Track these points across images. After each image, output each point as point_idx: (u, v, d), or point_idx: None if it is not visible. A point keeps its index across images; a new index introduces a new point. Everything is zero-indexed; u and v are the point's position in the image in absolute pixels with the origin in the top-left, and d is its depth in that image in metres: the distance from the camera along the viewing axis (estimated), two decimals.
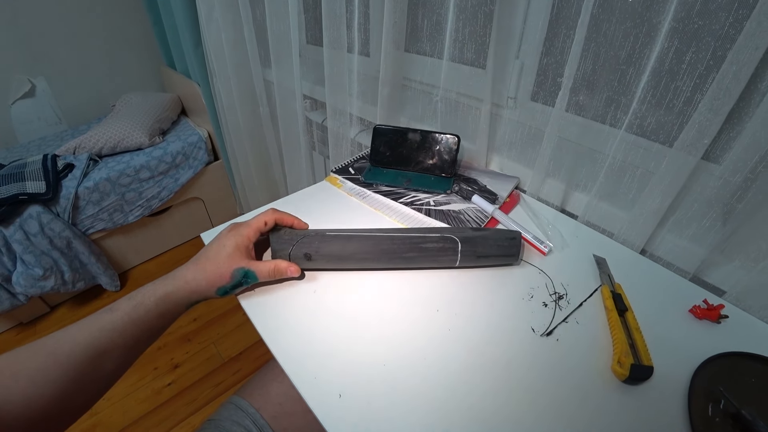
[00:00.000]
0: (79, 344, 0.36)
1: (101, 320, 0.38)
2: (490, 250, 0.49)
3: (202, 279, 0.43)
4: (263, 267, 0.45)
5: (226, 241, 0.45)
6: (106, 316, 0.38)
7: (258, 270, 0.45)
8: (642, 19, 0.46)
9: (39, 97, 1.74)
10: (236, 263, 0.44)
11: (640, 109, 0.49)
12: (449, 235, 0.48)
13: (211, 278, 0.43)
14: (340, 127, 0.97)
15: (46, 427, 0.35)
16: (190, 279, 0.42)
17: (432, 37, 0.72)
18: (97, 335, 0.37)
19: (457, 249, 0.48)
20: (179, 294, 0.42)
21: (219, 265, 0.43)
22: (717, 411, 0.35)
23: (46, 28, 1.65)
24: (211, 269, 0.43)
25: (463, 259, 0.48)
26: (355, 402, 0.37)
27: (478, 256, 0.49)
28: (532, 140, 0.65)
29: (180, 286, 0.42)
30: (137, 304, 0.39)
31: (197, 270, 0.43)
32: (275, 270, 0.46)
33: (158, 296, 0.40)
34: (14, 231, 1.26)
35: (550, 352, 0.41)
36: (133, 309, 0.39)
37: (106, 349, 0.37)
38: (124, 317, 0.38)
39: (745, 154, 0.43)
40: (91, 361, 0.36)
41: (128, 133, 1.55)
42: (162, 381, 1.32)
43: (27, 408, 0.33)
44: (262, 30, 1.08)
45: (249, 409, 0.55)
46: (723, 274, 0.49)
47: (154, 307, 0.40)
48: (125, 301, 0.40)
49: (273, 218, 0.49)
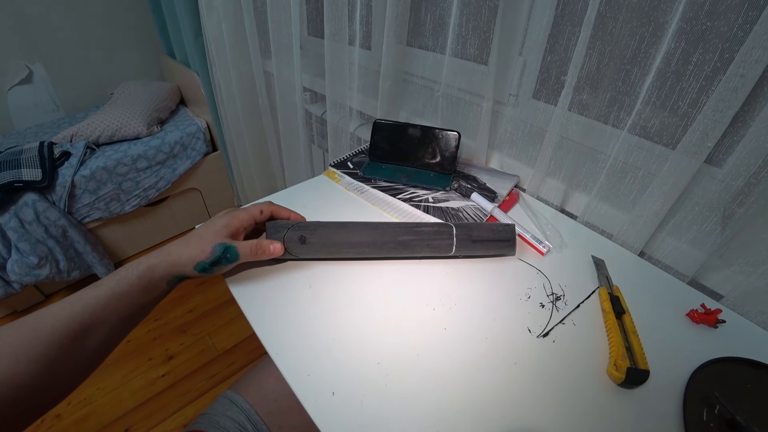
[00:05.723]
0: (62, 320, 0.35)
1: (84, 296, 0.37)
2: (485, 234, 0.49)
3: (184, 251, 0.42)
4: (245, 244, 0.45)
5: (217, 220, 0.45)
6: (89, 291, 0.38)
7: (240, 246, 0.44)
8: (649, 19, 0.46)
9: (36, 83, 1.72)
10: (219, 239, 0.43)
11: (643, 110, 0.49)
12: (445, 223, 0.49)
13: (192, 252, 0.42)
14: (340, 120, 0.96)
15: (32, 405, 0.35)
16: (173, 251, 0.42)
17: (435, 32, 0.71)
18: (80, 311, 0.36)
19: (453, 233, 0.48)
20: (160, 266, 0.41)
21: (203, 241, 0.43)
22: (712, 416, 0.35)
23: (44, 13, 1.63)
24: (194, 243, 0.43)
25: (459, 245, 0.48)
26: (348, 400, 0.36)
27: (474, 240, 0.49)
28: (533, 139, 0.65)
29: (162, 258, 0.41)
30: (120, 279, 0.39)
31: (181, 243, 0.43)
32: (257, 246, 0.45)
33: (141, 270, 0.40)
34: (9, 218, 1.25)
35: (547, 354, 0.41)
36: (117, 284, 0.39)
37: (90, 324, 0.37)
38: (107, 292, 0.38)
39: (747, 158, 0.42)
40: (74, 336, 0.36)
41: (126, 121, 1.54)
42: (156, 372, 1.32)
43: (10, 385, 0.32)
44: (262, 20, 1.07)
45: (243, 405, 0.55)
46: (721, 278, 0.49)
47: (136, 280, 0.40)
48: (109, 277, 0.39)
49: (270, 209, 0.49)
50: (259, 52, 1.15)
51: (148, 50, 1.93)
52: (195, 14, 1.28)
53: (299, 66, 1.00)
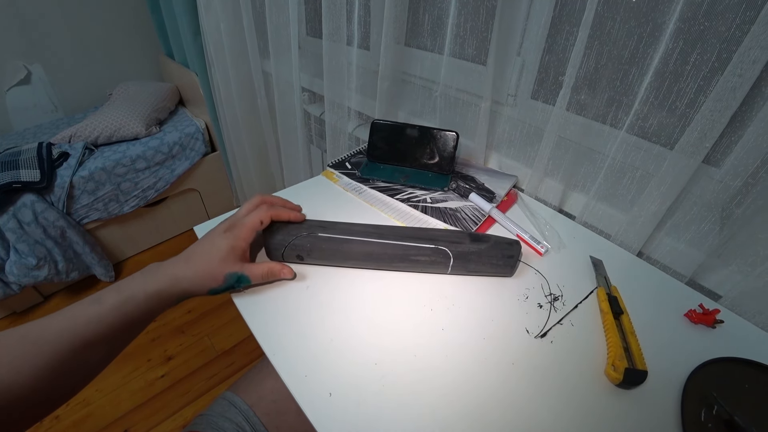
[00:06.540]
0: (64, 336, 0.35)
1: (87, 312, 0.37)
2: (482, 269, 0.48)
3: (194, 278, 0.42)
4: (257, 271, 0.45)
5: (220, 243, 0.44)
6: (92, 308, 0.37)
7: (252, 274, 0.45)
8: (647, 19, 0.46)
9: (35, 84, 1.72)
10: (230, 267, 0.43)
11: (641, 110, 0.49)
12: (443, 249, 0.47)
13: (203, 279, 0.42)
14: (338, 120, 0.96)
15: (24, 415, 0.34)
16: (181, 277, 0.42)
17: (433, 32, 0.71)
18: (82, 328, 0.36)
19: (449, 264, 0.47)
20: (170, 291, 0.41)
21: (212, 268, 0.43)
22: (710, 416, 0.35)
23: (43, 13, 1.63)
24: (203, 269, 0.42)
25: (453, 272, 0.48)
26: (345, 401, 0.36)
27: (470, 271, 0.48)
28: (532, 139, 0.65)
29: (171, 284, 0.41)
30: (126, 299, 0.39)
31: (188, 269, 0.42)
32: (269, 273, 0.46)
33: (149, 293, 0.40)
34: (7, 219, 1.25)
35: (544, 354, 0.41)
36: (122, 303, 0.38)
37: (91, 341, 0.37)
38: (112, 311, 0.38)
39: (746, 159, 0.42)
40: (75, 353, 0.36)
41: (125, 122, 1.54)
42: (155, 373, 1.32)
43: (6, 393, 0.32)
44: (261, 20, 1.06)
45: (242, 406, 0.55)
46: (719, 278, 0.49)
47: (143, 303, 0.39)
48: (113, 294, 0.39)
49: (268, 216, 0.47)
50: (257, 52, 1.15)
51: (146, 51, 1.93)
52: (193, 14, 1.27)
53: (298, 66, 1.00)
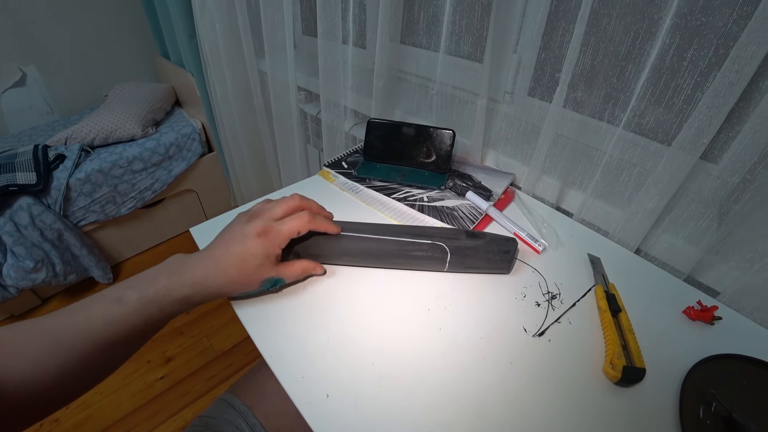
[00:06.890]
0: (84, 335, 0.35)
1: (109, 313, 0.36)
2: (479, 264, 0.48)
3: (226, 286, 0.41)
4: (291, 272, 0.45)
5: (255, 250, 0.41)
6: (114, 308, 0.36)
7: (286, 276, 0.45)
8: (643, 15, 0.45)
9: (30, 86, 1.71)
10: (266, 272, 0.42)
11: (638, 107, 0.48)
12: (440, 244, 0.46)
13: (237, 285, 0.42)
14: (335, 119, 0.95)
15: (32, 413, 0.34)
16: (211, 284, 0.40)
17: (428, 29, 0.71)
18: (102, 328, 0.36)
19: (446, 260, 0.47)
20: (197, 297, 0.40)
21: (247, 274, 0.41)
22: (708, 413, 0.35)
23: (37, 15, 1.62)
24: (236, 275, 0.41)
25: (450, 268, 0.48)
26: (343, 402, 0.36)
27: (467, 267, 0.48)
28: (529, 136, 0.64)
29: (199, 290, 0.40)
30: (149, 302, 0.37)
31: (219, 276, 0.40)
32: (302, 272, 0.46)
33: (174, 298, 0.38)
34: (4, 222, 1.25)
35: (542, 353, 0.40)
36: (145, 306, 0.37)
37: (111, 342, 0.36)
38: (135, 314, 0.37)
39: (743, 155, 0.42)
40: (94, 353, 0.35)
41: (121, 123, 1.53)
42: (154, 374, 1.32)
43: (20, 390, 0.32)
44: (256, 20, 1.06)
45: (241, 408, 0.54)
46: (718, 274, 0.49)
47: (168, 307, 0.38)
48: (134, 294, 0.37)
49: (307, 228, 0.45)
50: (253, 51, 1.15)
51: (142, 51, 1.92)
52: (188, 15, 1.27)
53: (293, 65, 0.99)
